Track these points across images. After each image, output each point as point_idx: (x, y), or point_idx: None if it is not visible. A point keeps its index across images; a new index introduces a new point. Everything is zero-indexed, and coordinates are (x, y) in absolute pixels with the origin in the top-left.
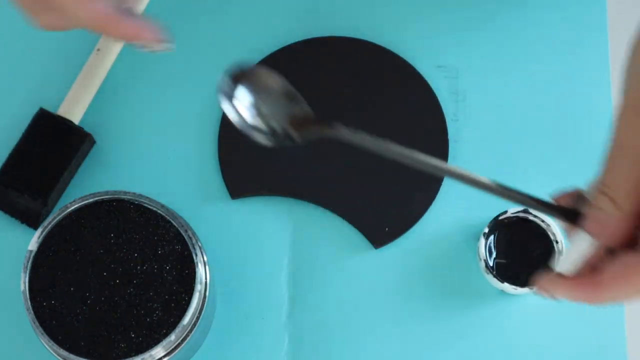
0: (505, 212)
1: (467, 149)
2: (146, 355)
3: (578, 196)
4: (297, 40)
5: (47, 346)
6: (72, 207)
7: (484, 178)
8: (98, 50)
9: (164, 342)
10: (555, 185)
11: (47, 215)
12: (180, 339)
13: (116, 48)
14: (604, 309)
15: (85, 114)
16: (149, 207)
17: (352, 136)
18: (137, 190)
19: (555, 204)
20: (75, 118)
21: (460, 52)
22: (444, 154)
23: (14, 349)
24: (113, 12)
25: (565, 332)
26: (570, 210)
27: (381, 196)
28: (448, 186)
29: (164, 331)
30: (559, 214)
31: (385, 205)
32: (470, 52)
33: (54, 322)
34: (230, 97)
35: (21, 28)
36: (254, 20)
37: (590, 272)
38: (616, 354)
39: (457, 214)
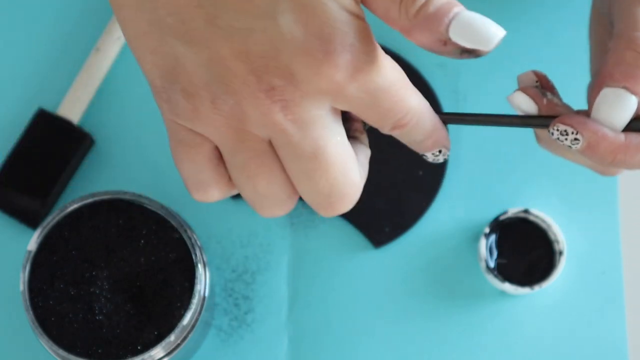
0: (506, 212)
1: (466, 148)
2: (146, 355)
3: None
4: None
5: (46, 346)
6: (72, 207)
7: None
8: (98, 50)
9: (164, 342)
10: (556, 186)
11: (46, 215)
12: (180, 339)
13: (116, 48)
14: (605, 309)
15: (85, 114)
16: (149, 207)
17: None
18: (137, 190)
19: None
20: (75, 118)
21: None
22: None
23: (13, 349)
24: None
25: (566, 332)
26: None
27: (381, 196)
28: (448, 186)
29: (164, 331)
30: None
31: (385, 205)
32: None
33: (53, 322)
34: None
35: (20, 27)
36: None
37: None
38: (617, 354)
39: (457, 214)
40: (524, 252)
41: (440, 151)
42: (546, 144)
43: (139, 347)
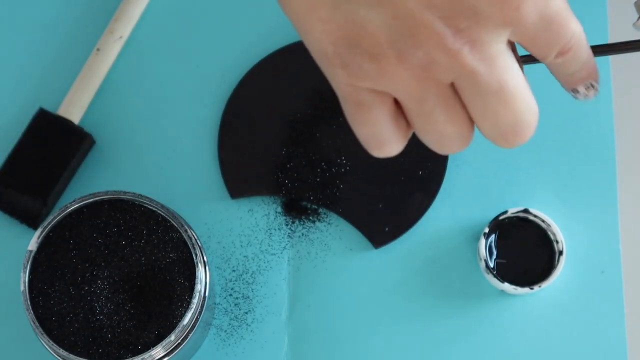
0: (506, 212)
1: (467, 148)
2: (146, 355)
3: None
4: (298, 40)
5: (46, 346)
6: (72, 207)
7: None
8: (98, 50)
9: (164, 342)
10: (556, 186)
11: (46, 215)
12: (180, 339)
13: (116, 48)
14: (604, 308)
15: (85, 114)
16: (149, 207)
17: None
18: (137, 190)
19: None
20: (75, 118)
21: None
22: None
23: (14, 349)
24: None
25: (565, 332)
26: None
27: (381, 196)
28: (448, 186)
29: (164, 331)
30: None
31: (385, 205)
32: None
33: (54, 322)
34: None
35: (21, 27)
36: (254, 20)
37: None
38: (616, 354)
39: (457, 214)
40: (524, 252)
41: (592, 85)
42: None
43: (139, 347)
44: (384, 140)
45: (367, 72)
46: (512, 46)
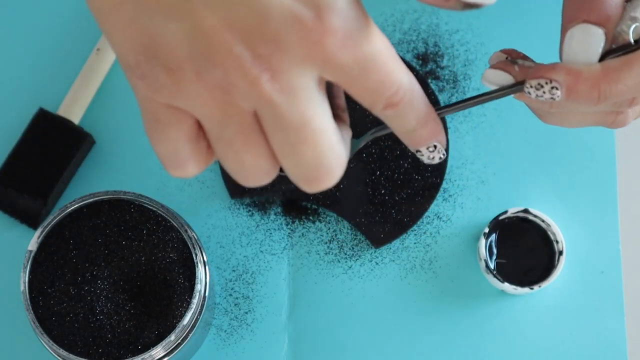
0: (506, 212)
1: (467, 148)
2: (146, 355)
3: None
4: None
5: (46, 346)
6: (72, 207)
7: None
8: (98, 50)
9: (164, 342)
10: (556, 186)
11: (46, 215)
12: (180, 339)
13: None
14: (604, 308)
15: (85, 114)
16: (149, 207)
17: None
18: (137, 190)
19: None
20: (75, 118)
21: (462, 47)
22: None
23: (14, 349)
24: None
25: (566, 332)
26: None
27: (381, 196)
28: (448, 186)
29: (164, 331)
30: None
31: (385, 206)
32: (470, 49)
33: (54, 322)
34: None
35: (21, 28)
36: None
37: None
38: (616, 354)
39: (457, 214)
40: (524, 252)
41: (435, 147)
42: (549, 116)
43: (139, 347)
44: (180, 161)
45: (164, 86)
46: (329, 87)
